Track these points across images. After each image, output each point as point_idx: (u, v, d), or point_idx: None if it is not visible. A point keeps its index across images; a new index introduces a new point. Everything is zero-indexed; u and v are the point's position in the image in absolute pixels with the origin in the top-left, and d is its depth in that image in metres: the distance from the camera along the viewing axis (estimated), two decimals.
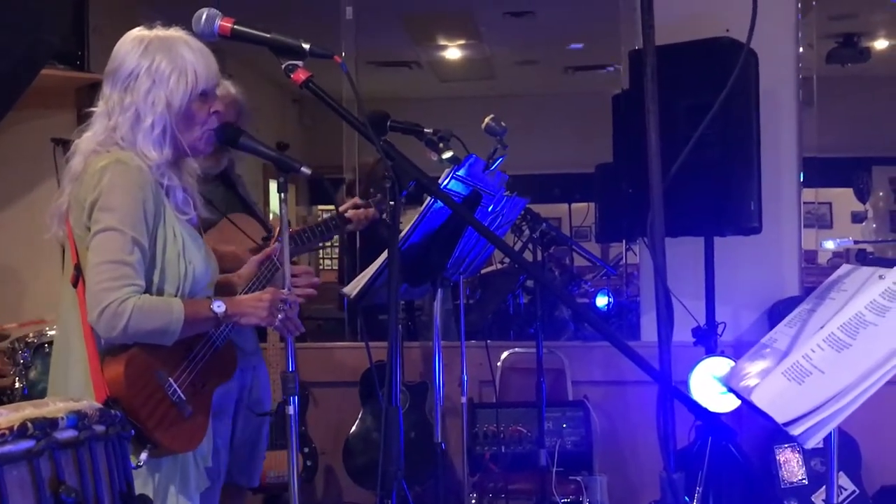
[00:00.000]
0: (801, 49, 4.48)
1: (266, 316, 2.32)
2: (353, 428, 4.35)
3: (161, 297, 2.23)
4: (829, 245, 4.78)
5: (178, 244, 2.26)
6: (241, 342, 3.12)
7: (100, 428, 1.47)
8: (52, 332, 3.69)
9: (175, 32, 2.29)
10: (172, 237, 2.26)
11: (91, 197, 2.17)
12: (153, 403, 2.19)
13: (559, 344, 4.69)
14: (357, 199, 3.16)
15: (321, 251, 6.68)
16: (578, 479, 3.93)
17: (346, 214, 3.10)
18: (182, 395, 2.26)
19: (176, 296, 2.25)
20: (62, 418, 1.42)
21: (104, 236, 2.15)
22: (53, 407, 1.46)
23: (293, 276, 2.53)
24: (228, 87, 3.16)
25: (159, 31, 2.29)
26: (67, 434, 1.43)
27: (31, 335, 3.75)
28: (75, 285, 2.23)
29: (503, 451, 4.00)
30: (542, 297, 4.03)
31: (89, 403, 1.51)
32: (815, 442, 1.69)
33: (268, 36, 2.01)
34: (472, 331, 4.55)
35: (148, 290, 2.21)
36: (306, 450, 4.31)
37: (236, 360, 2.51)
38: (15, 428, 1.38)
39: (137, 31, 2.30)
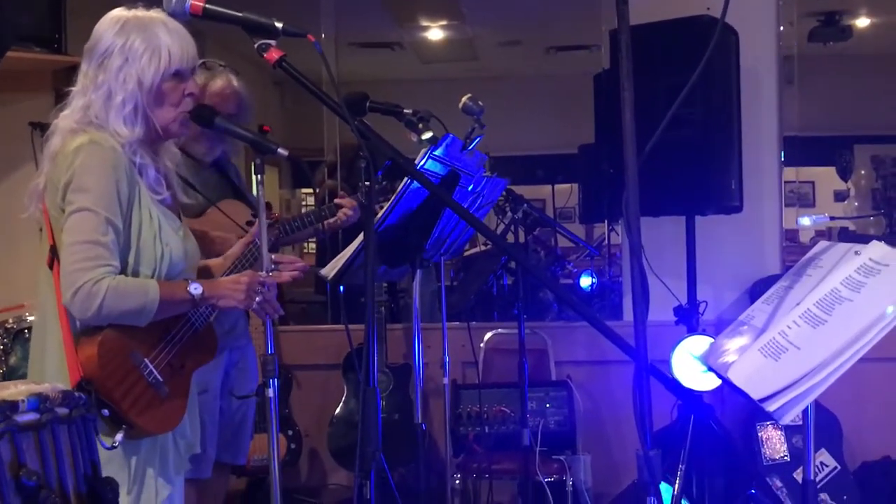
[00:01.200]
0: (781, 27, 4.48)
1: (243, 298, 2.32)
2: (337, 410, 4.35)
3: (136, 278, 2.22)
4: (806, 222, 4.80)
5: (154, 226, 2.25)
6: (229, 322, 3.12)
7: (63, 410, 1.45)
8: (32, 318, 3.67)
9: (155, 14, 2.28)
10: (148, 219, 2.25)
11: (65, 178, 2.17)
12: (128, 384, 2.18)
13: (542, 324, 4.70)
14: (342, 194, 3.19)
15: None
16: (562, 458, 3.94)
17: (337, 201, 3.12)
18: (159, 376, 2.25)
19: (152, 278, 2.24)
20: (23, 401, 1.39)
21: (78, 217, 2.14)
22: (14, 390, 1.44)
23: (278, 262, 2.53)
24: (231, 80, 3.18)
25: (139, 12, 2.29)
26: (28, 417, 1.41)
27: (10, 321, 3.73)
28: (51, 267, 2.22)
29: (486, 431, 4.01)
30: (524, 278, 4.03)
31: (52, 386, 1.50)
32: (790, 417, 1.70)
33: (240, 15, 2.00)
34: (455, 312, 4.55)
35: (123, 273, 2.20)
36: (290, 433, 4.31)
37: (217, 342, 2.50)
38: None
39: (118, 11, 2.30)
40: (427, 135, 3.10)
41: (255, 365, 3.35)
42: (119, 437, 2.14)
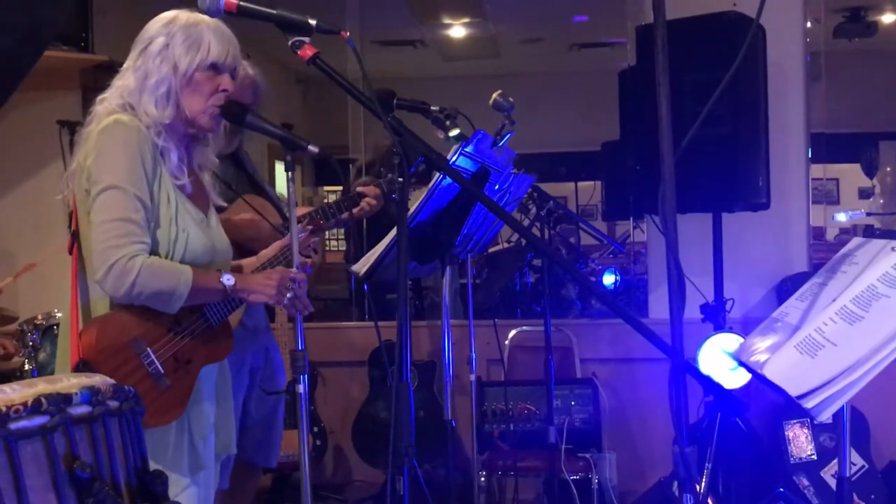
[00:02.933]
0: (808, 24, 4.45)
1: (274, 294, 2.32)
2: (362, 407, 4.36)
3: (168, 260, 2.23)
4: (841, 217, 4.76)
5: (172, 209, 2.27)
6: (252, 321, 3.12)
7: (114, 403, 1.47)
8: (61, 315, 3.70)
9: (205, 17, 2.30)
10: (166, 200, 2.26)
11: (90, 159, 2.19)
12: (125, 371, 2.17)
13: (567, 322, 4.69)
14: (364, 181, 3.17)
15: (327, 232, 6.70)
16: (587, 456, 3.93)
17: (358, 190, 3.11)
18: (160, 368, 2.23)
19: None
20: (76, 394, 1.41)
21: (107, 195, 2.16)
22: (67, 383, 1.46)
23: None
24: (246, 68, 3.16)
25: (189, 13, 2.33)
26: (81, 410, 1.43)
27: (39, 317, 3.76)
28: (70, 252, 2.25)
29: (512, 428, 4.01)
30: (549, 275, 4.03)
31: (102, 379, 1.51)
32: (828, 415, 1.68)
33: (274, 12, 2.00)
34: (480, 309, 4.55)
35: None
36: (315, 429, 4.32)
37: (232, 342, 2.47)
38: (29, 403, 1.38)
39: (171, 12, 2.35)
40: (454, 132, 3.10)
41: (281, 362, 3.34)
42: None
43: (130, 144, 2.19)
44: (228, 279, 2.26)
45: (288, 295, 2.33)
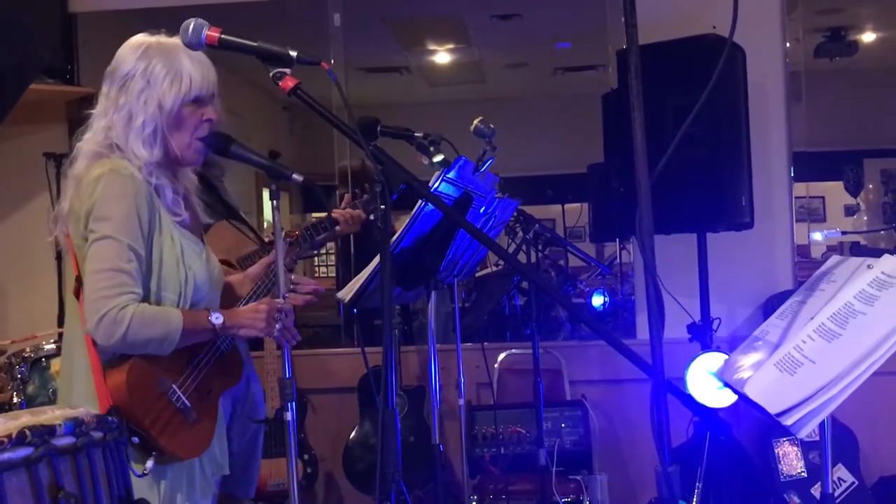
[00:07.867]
0: (788, 44, 4.50)
1: (264, 326, 2.33)
2: (352, 434, 4.35)
3: (160, 306, 2.24)
4: (818, 237, 4.80)
5: (177, 250, 2.28)
6: None
7: (97, 434, 1.49)
8: (49, 347, 3.70)
9: (177, 40, 2.29)
10: (170, 242, 2.27)
11: (86, 207, 2.20)
12: (157, 410, 2.20)
13: (555, 344, 4.70)
14: (347, 198, 3.16)
15: (316, 258, 6.69)
16: (578, 478, 3.94)
17: (333, 215, 3.11)
18: (187, 402, 2.26)
19: (178, 302, 2.26)
20: (59, 425, 1.43)
21: (100, 245, 2.17)
22: (51, 414, 1.48)
23: (296, 283, 2.54)
24: None
25: (161, 38, 2.34)
26: (65, 441, 1.44)
27: (28, 350, 3.75)
28: (77, 296, 2.24)
29: (502, 452, 4.01)
30: (537, 298, 4.04)
31: (86, 410, 1.53)
32: (807, 431, 1.71)
33: (254, 45, 2.02)
34: (468, 333, 4.56)
35: (147, 299, 2.22)
36: (306, 457, 4.31)
37: (242, 365, 2.51)
38: (13, 436, 1.40)
39: (140, 37, 2.35)
40: (438, 158, 3.13)
41: (261, 393, 3.34)
42: (150, 464, 2.15)
43: (125, 194, 2.20)
44: (217, 318, 2.27)
45: (277, 326, 2.34)
